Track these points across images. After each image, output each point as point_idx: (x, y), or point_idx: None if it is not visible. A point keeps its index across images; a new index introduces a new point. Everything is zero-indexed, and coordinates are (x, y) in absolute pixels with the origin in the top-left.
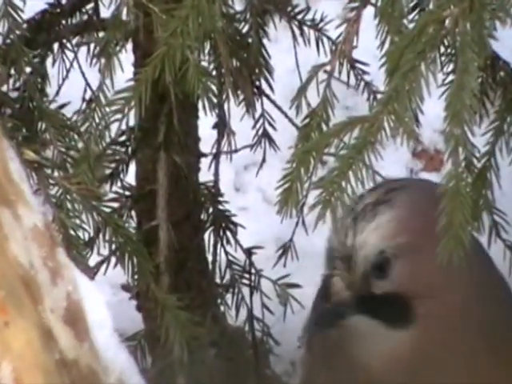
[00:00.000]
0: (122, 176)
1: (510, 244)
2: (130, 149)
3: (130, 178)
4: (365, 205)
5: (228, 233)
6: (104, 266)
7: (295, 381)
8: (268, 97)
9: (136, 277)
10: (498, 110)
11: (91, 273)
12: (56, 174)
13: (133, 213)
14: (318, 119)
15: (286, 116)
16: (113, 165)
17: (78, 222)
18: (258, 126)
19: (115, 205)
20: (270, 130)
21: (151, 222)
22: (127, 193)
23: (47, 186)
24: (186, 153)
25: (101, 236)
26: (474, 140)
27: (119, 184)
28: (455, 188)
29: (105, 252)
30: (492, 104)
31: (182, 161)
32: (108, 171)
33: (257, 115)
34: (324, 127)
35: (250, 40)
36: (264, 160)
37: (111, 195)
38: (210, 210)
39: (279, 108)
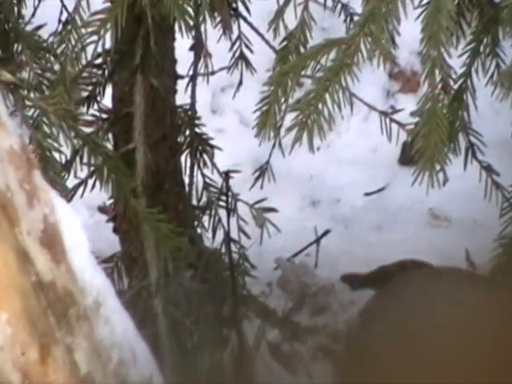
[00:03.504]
0: (98, 99)
1: (485, 165)
2: (106, 71)
3: (107, 100)
4: None
5: (205, 155)
6: (81, 188)
7: (271, 301)
8: (245, 19)
9: (114, 197)
10: (475, 32)
11: (68, 195)
12: (32, 95)
13: (110, 136)
14: (295, 41)
15: (263, 38)
16: (89, 87)
17: (55, 144)
18: (234, 48)
19: (92, 127)
20: (246, 52)
21: (128, 144)
22: (104, 115)
23: (24, 107)
24: (163, 75)
25: (78, 159)
26: (451, 61)
27: (96, 107)
28: (432, 110)
29: (82, 175)
30: (469, 25)
31: (158, 83)
32: (85, 94)
33: (234, 37)
34: (301, 49)
35: None
36: (241, 82)
37: (88, 118)
38: (187, 132)
39: (256, 30)
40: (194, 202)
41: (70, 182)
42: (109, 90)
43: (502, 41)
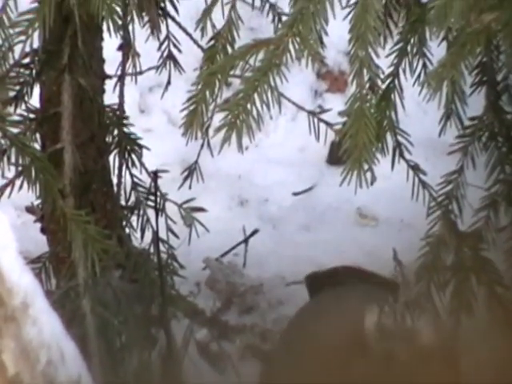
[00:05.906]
0: (26, 98)
1: (413, 164)
2: (34, 71)
3: (35, 100)
4: None
5: (133, 155)
6: (8, 188)
7: (200, 301)
8: (173, 18)
9: (42, 198)
10: (402, 32)
11: None
12: None
13: (37, 136)
14: (223, 41)
15: (191, 38)
16: (17, 87)
17: None
18: (163, 47)
19: (20, 127)
20: (174, 51)
21: (56, 144)
22: (32, 115)
23: None
24: (91, 75)
25: (5, 159)
26: (378, 61)
27: (23, 107)
28: (359, 109)
29: (9, 175)
30: (396, 25)
31: (86, 83)
32: (12, 94)
33: (162, 37)
34: (229, 49)
35: None
36: (169, 82)
37: (16, 118)
38: (115, 132)
39: (184, 30)
40: (123, 202)
41: None
42: (36, 90)
43: (429, 41)
